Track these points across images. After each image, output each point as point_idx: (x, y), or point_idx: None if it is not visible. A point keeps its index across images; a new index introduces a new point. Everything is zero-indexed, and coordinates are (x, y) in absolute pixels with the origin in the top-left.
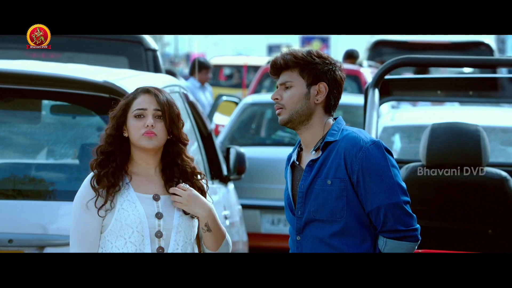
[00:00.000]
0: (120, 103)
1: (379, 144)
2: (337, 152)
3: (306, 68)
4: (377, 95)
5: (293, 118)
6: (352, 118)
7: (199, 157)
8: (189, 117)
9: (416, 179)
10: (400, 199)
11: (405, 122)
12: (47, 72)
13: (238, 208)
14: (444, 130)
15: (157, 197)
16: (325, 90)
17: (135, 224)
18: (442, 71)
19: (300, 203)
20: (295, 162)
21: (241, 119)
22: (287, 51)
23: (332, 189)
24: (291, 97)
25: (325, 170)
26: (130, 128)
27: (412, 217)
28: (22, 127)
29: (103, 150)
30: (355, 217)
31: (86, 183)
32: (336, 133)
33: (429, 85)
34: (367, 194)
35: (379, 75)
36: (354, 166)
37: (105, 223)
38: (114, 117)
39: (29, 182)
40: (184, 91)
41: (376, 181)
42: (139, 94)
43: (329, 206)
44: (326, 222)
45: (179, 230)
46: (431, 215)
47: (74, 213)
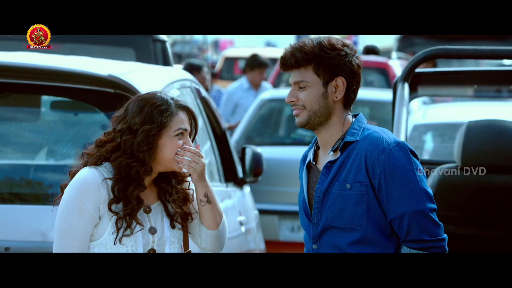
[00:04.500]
0: (153, 114)
1: (403, 146)
2: (358, 153)
3: (321, 64)
4: (407, 90)
5: (311, 119)
6: (380, 115)
7: (212, 158)
8: (201, 114)
9: (450, 182)
10: (426, 206)
11: (437, 119)
12: (47, 65)
13: (255, 213)
14: (481, 128)
15: (148, 209)
16: (343, 85)
17: (130, 243)
18: (481, 64)
19: (317, 209)
20: (311, 162)
21: (258, 116)
22: (296, 44)
23: (351, 194)
24: (308, 98)
25: (344, 172)
26: (166, 145)
27: (439, 226)
28: (20, 125)
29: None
30: (376, 225)
31: (86, 181)
32: (357, 133)
33: (465, 78)
34: (389, 200)
35: (409, 68)
36: (376, 169)
37: (97, 231)
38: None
39: (27, 185)
40: (196, 85)
41: (399, 186)
42: (178, 110)
43: (348, 212)
44: (344, 230)
45: (172, 241)
46: (467, 222)
47: (63, 215)
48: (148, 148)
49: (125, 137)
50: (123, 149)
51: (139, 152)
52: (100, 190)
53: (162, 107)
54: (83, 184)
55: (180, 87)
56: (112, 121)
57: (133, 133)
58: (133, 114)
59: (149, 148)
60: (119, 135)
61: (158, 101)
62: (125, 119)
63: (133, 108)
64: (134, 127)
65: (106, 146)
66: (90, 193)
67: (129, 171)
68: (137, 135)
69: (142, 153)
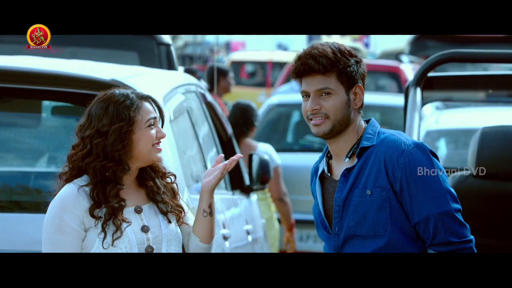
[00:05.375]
0: (119, 111)
1: (423, 147)
2: (376, 158)
3: (343, 71)
4: (419, 95)
5: (335, 129)
6: (391, 120)
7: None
8: (207, 119)
9: (464, 190)
10: (451, 207)
11: (451, 125)
12: (47, 69)
13: (262, 222)
14: (496, 135)
15: (139, 209)
16: (361, 92)
17: (124, 245)
18: (496, 68)
19: (337, 218)
20: (326, 173)
21: (265, 122)
22: (314, 50)
23: (372, 200)
24: (333, 106)
25: (363, 179)
26: (141, 139)
27: (466, 227)
28: (20, 131)
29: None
30: (400, 231)
31: (62, 197)
32: (372, 137)
33: (479, 83)
34: (413, 204)
35: (421, 72)
36: (397, 172)
37: (86, 245)
38: (120, 129)
39: (28, 193)
40: (202, 90)
41: (422, 188)
42: (141, 101)
43: (370, 220)
44: (367, 238)
45: (169, 239)
46: (481, 231)
47: (44, 237)
48: (122, 146)
49: (95, 141)
50: (95, 153)
51: (113, 152)
52: (80, 201)
53: (126, 103)
54: (61, 200)
55: (185, 92)
56: (76, 132)
57: (103, 135)
58: (99, 117)
59: (124, 146)
60: (89, 141)
61: (121, 98)
62: (91, 124)
63: (97, 111)
64: (103, 129)
65: (76, 155)
66: (69, 207)
67: (105, 173)
68: (108, 136)
69: (117, 152)
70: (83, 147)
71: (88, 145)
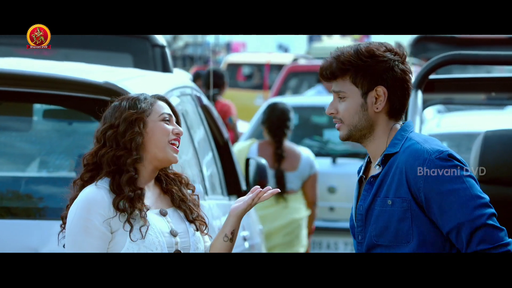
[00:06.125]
0: (131, 104)
1: (445, 155)
2: (398, 167)
3: (358, 73)
4: (421, 98)
5: (352, 133)
6: None
7: (213, 170)
8: (203, 123)
9: None
10: (482, 212)
11: (453, 129)
12: (39, 72)
13: (259, 228)
14: (499, 139)
15: (164, 211)
16: (384, 94)
17: (155, 246)
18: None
19: (360, 227)
20: (362, 176)
21: None
22: (334, 53)
23: (393, 210)
24: (346, 110)
25: (385, 188)
26: (155, 131)
27: (501, 230)
28: (11, 134)
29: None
30: (425, 240)
31: (88, 198)
32: (399, 143)
33: (481, 85)
34: (442, 214)
35: (422, 74)
36: (419, 183)
37: (115, 246)
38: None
39: (18, 199)
40: (197, 93)
41: (448, 196)
42: (155, 99)
43: (392, 230)
44: (390, 248)
45: (196, 247)
46: None
47: (69, 239)
48: (132, 133)
49: (108, 133)
50: (108, 145)
51: (125, 140)
52: (104, 199)
53: (140, 97)
54: (85, 201)
55: (180, 95)
56: (94, 138)
57: (116, 127)
58: (112, 114)
59: (133, 133)
60: (102, 136)
61: (133, 96)
62: (105, 123)
63: (110, 110)
64: (116, 122)
65: (89, 152)
66: (93, 207)
67: (118, 162)
68: (119, 126)
69: (130, 138)
70: (97, 143)
71: (102, 140)
